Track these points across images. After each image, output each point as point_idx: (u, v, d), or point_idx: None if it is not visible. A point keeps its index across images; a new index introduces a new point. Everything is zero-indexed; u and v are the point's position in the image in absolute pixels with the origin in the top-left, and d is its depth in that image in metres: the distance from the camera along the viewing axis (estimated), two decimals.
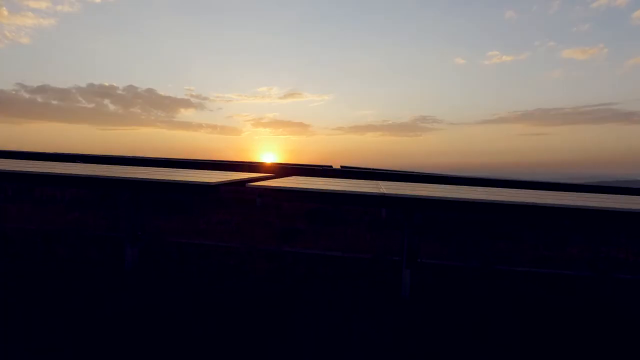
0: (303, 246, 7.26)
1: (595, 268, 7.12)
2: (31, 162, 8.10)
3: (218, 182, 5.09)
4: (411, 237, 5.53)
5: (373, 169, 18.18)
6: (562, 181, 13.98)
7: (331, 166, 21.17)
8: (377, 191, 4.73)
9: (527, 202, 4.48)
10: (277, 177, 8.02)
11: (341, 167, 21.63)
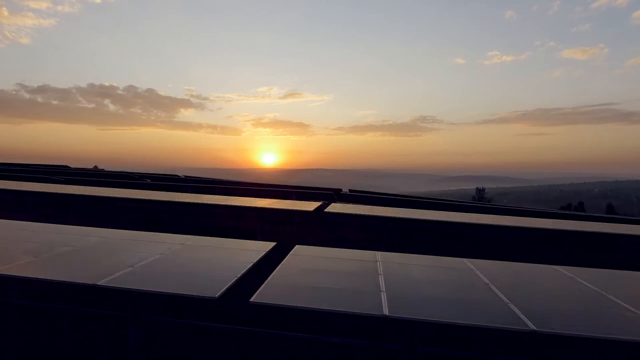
0: (302, 316, 7.28)
1: None
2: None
3: (220, 294, 5.11)
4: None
5: (375, 202, 18.10)
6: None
7: (333, 194, 21.11)
8: (379, 312, 4.73)
9: (528, 329, 4.49)
10: (280, 248, 8.02)
11: (346, 192, 21.61)
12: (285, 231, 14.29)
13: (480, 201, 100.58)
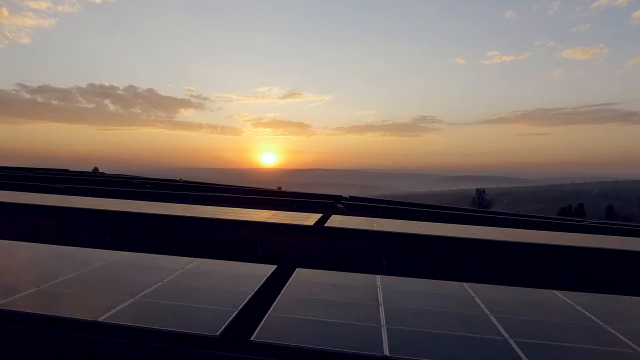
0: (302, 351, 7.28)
1: None
2: None
3: (221, 332, 5.13)
4: None
5: (375, 210, 18.13)
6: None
7: (332, 203, 21.14)
8: (380, 353, 4.75)
9: None
10: (282, 272, 8.03)
11: (346, 198, 21.62)
12: (285, 245, 14.30)
13: (480, 203, 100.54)
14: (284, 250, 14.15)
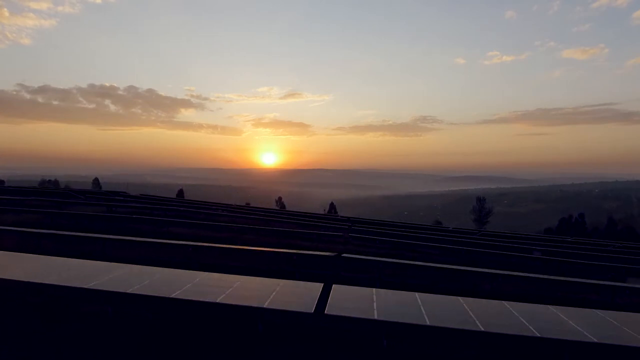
0: None
1: None
2: None
3: None
4: None
5: (376, 266, 17.95)
6: None
7: (337, 255, 21.03)
8: None
9: None
10: None
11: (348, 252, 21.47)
12: (286, 318, 14.22)
13: (481, 211, 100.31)
14: (284, 324, 14.12)
